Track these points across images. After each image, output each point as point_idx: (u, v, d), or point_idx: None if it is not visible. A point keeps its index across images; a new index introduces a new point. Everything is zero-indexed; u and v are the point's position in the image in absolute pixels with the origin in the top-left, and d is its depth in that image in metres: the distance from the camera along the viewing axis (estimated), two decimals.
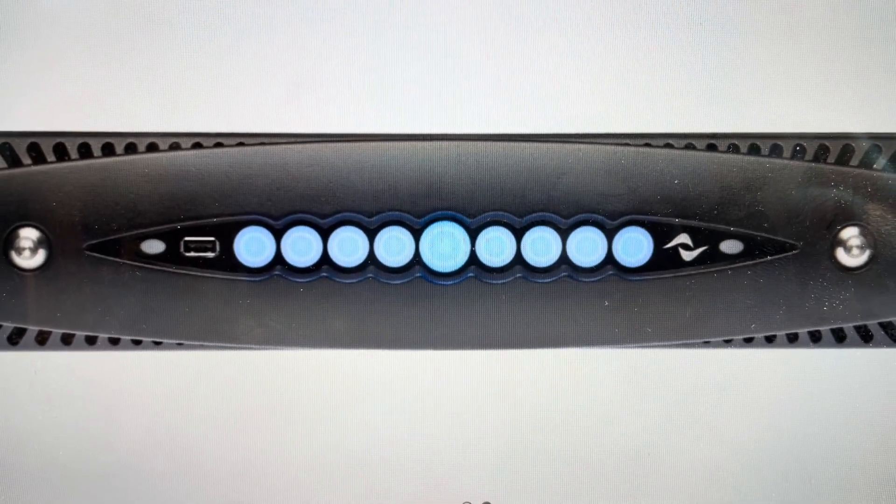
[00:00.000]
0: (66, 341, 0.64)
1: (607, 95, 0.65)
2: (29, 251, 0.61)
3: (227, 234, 0.62)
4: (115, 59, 0.65)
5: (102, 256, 0.62)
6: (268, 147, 0.61)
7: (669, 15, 0.65)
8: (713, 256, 0.62)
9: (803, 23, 0.66)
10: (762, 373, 0.67)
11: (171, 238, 0.62)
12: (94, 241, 0.61)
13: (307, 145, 0.61)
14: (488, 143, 0.61)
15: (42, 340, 0.64)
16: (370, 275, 0.62)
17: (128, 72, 0.65)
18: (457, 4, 0.65)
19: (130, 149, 0.62)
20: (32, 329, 0.64)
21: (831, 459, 0.68)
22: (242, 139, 0.62)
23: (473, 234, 0.62)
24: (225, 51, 0.65)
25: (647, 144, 0.62)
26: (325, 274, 0.62)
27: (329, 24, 0.65)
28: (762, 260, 0.62)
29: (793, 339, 0.65)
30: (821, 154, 0.63)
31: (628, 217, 0.62)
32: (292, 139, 0.62)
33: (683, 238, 0.62)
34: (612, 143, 0.62)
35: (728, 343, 0.65)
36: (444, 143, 0.61)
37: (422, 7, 0.65)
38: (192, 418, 0.67)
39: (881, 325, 0.65)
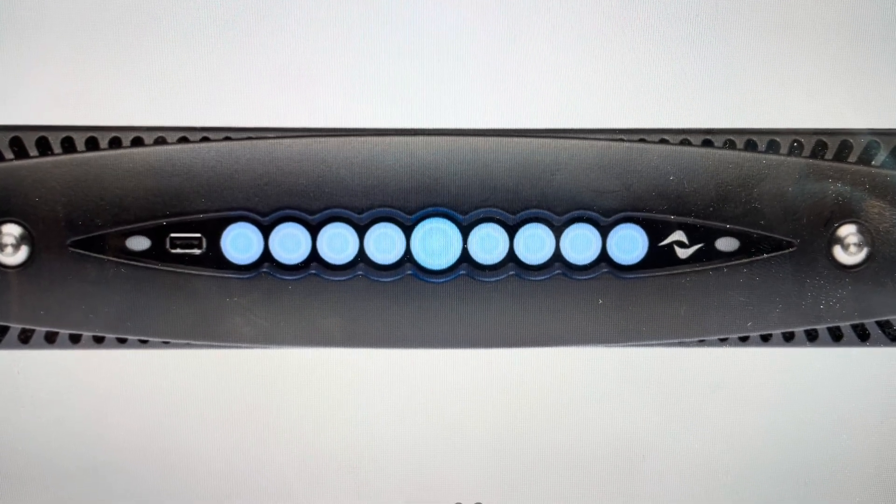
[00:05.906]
0: (50, 339, 0.64)
1: (602, 90, 0.65)
2: (11, 248, 0.61)
3: (213, 230, 0.61)
4: (100, 52, 0.65)
5: (86, 253, 0.61)
6: (255, 142, 0.61)
7: (665, 9, 0.65)
8: (709, 254, 0.62)
9: (801, 17, 0.65)
10: (758, 372, 0.67)
11: (156, 234, 0.61)
12: (77, 238, 0.61)
13: (295, 140, 0.61)
14: (481, 139, 0.61)
15: (25, 339, 0.64)
16: (360, 272, 0.62)
17: (113, 64, 0.65)
18: None
19: (115, 143, 0.62)
20: (15, 327, 0.63)
21: (828, 459, 0.67)
22: (229, 133, 0.62)
23: (466, 231, 0.61)
24: (212, 43, 0.64)
25: (642, 140, 0.62)
26: (313, 271, 0.62)
27: (318, 16, 0.65)
28: (758, 258, 0.62)
29: (789, 338, 0.64)
30: (818, 150, 0.63)
31: (623, 214, 0.61)
32: (280, 134, 0.61)
33: (679, 235, 0.62)
34: (606, 139, 0.61)
35: (724, 342, 0.64)
36: (436, 139, 0.60)
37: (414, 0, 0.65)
38: (178, 418, 0.67)
39: (878, 323, 0.64)
